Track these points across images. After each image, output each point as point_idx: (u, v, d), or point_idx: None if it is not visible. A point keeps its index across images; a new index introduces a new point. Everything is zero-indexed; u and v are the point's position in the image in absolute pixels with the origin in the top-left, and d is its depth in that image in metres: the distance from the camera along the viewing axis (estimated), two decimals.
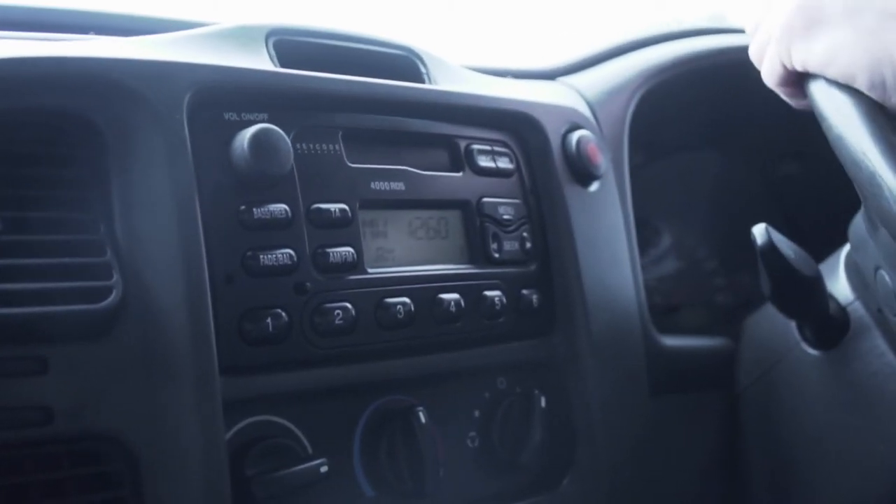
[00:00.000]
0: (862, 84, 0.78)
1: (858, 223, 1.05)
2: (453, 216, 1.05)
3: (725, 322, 1.44)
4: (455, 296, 1.00)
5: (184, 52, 0.91)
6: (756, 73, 0.90)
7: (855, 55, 0.78)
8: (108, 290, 0.79)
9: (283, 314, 0.88)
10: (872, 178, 0.75)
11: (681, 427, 1.28)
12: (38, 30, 0.99)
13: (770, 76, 0.88)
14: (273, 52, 0.98)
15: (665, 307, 1.50)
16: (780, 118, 0.98)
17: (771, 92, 0.90)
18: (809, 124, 0.87)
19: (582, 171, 1.15)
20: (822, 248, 1.20)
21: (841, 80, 0.80)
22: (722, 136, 1.58)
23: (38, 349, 0.76)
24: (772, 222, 1.07)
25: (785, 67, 0.85)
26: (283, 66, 0.97)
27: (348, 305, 0.92)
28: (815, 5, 0.80)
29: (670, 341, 1.26)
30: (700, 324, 1.53)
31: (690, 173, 1.61)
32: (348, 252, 0.93)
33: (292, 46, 1.01)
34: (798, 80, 0.86)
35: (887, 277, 1.01)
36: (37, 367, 0.76)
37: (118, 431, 0.79)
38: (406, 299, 0.96)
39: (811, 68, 0.82)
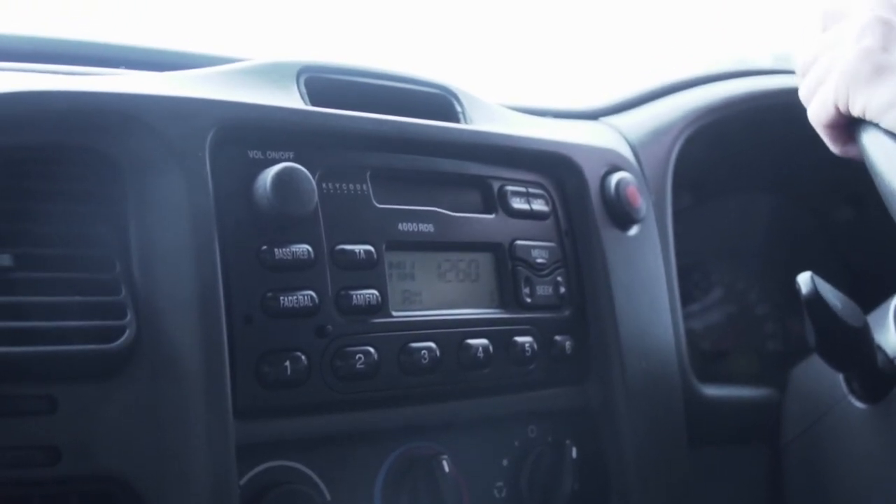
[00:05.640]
0: None
1: None
2: (484, 259, 1.02)
3: (776, 369, 1.39)
4: (483, 341, 0.97)
5: (210, 89, 0.91)
6: None
7: None
8: (122, 330, 0.78)
9: (303, 357, 0.86)
10: None
11: (721, 481, 1.25)
12: (69, 63, 0.99)
13: (818, 116, 0.87)
14: (304, 90, 0.97)
15: (714, 353, 1.47)
16: (836, 161, 0.96)
17: None
18: (866, 169, 0.85)
19: (621, 215, 1.13)
20: (880, 295, 1.16)
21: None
22: (775, 178, 1.55)
23: (47, 388, 0.76)
24: (827, 268, 1.04)
25: (837, 110, 0.83)
26: (313, 103, 0.96)
27: (370, 349, 0.90)
28: (883, 52, 0.79)
29: (711, 391, 1.22)
30: (750, 371, 1.49)
31: (742, 216, 1.58)
32: (372, 295, 0.91)
33: (324, 84, 1.00)
34: (848, 124, 0.84)
35: None
36: (45, 407, 0.75)
37: (126, 473, 0.78)
38: (431, 344, 0.94)
39: (869, 114, 0.80)
